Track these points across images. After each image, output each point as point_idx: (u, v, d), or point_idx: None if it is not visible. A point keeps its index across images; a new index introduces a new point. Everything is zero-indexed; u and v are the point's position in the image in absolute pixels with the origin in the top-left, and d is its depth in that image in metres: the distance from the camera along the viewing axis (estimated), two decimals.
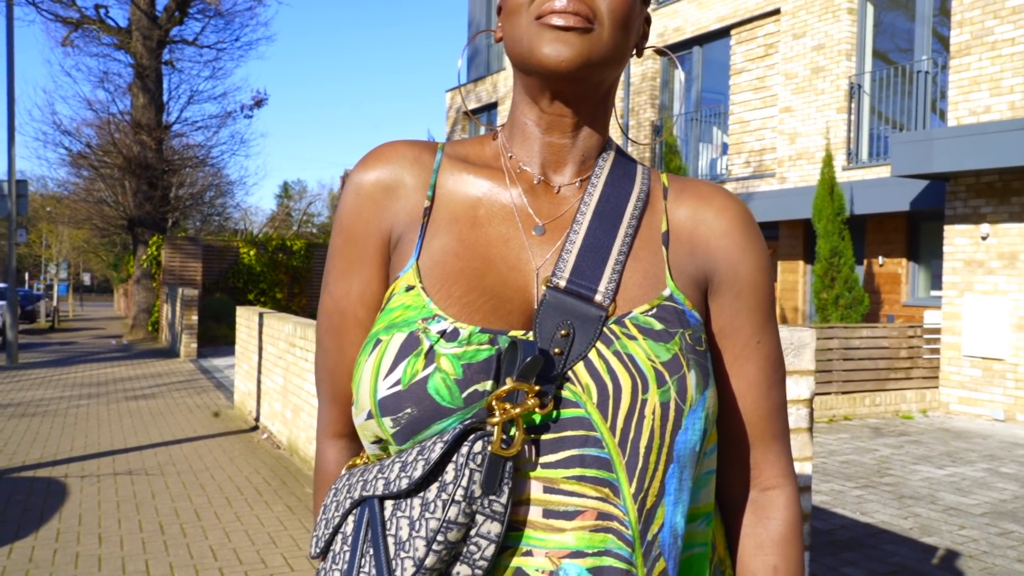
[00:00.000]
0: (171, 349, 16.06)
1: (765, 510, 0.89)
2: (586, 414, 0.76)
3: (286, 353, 6.97)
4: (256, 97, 21.41)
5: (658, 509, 0.77)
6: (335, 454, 0.93)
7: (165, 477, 5.80)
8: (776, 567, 0.87)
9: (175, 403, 9.30)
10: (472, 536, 0.71)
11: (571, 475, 0.75)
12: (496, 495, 0.71)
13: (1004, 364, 8.96)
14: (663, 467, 0.77)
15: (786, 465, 0.91)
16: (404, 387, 0.77)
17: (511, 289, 0.82)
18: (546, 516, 0.75)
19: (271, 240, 20.05)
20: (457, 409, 0.75)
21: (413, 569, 0.71)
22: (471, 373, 0.76)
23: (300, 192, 56.17)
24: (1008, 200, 8.96)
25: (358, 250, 0.88)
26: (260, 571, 3.98)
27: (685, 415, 0.77)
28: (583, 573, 0.74)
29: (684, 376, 0.78)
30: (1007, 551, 4.53)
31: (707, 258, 0.87)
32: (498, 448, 0.71)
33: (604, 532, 0.75)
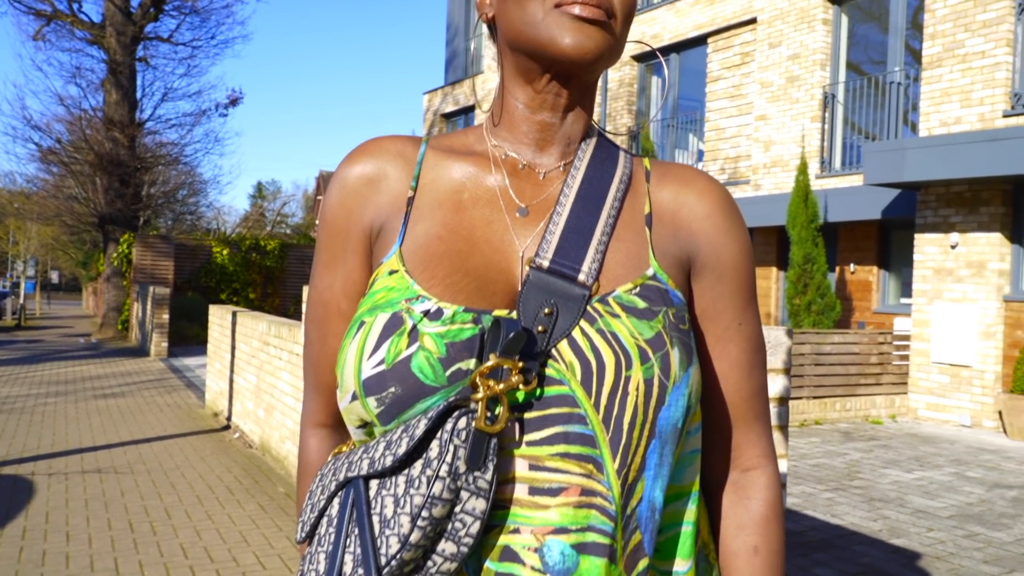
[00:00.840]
0: (141, 348, 15.86)
1: (746, 491, 0.90)
2: (570, 391, 0.76)
3: (259, 352, 6.91)
4: (231, 96, 21.25)
5: (638, 484, 0.78)
6: (317, 444, 0.94)
7: (135, 475, 5.72)
8: (757, 547, 0.88)
9: (145, 402, 9.18)
10: (457, 513, 0.71)
11: (555, 452, 0.75)
12: (481, 471, 0.71)
13: (971, 371, 9.11)
14: (645, 443, 0.78)
15: (767, 446, 0.92)
16: (388, 366, 0.77)
17: (495, 270, 0.82)
18: (531, 493, 0.75)
19: (244, 240, 19.88)
20: (441, 387, 0.76)
21: (398, 545, 0.71)
22: (454, 351, 0.76)
23: (274, 193, 55.79)
24: (977, 210, 9.11)
25: (341, 242, 0.89)
26: (232, 569, 3.94)
27: (669, 391, 0.78)
28: (567, 549, 0.74)
29: (667, 353, 0.79)
30: (973, 552, 4.60)
31: (690, 240, 0.88)
32: (482, 424, 0.71)
33: (587, 508, 0.75)
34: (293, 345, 5.99)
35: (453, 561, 0.72)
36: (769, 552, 0.88)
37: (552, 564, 0.74)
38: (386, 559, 0.71)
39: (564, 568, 0.74)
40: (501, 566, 0.75)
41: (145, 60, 19.99)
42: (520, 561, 0.74)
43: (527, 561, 0.74)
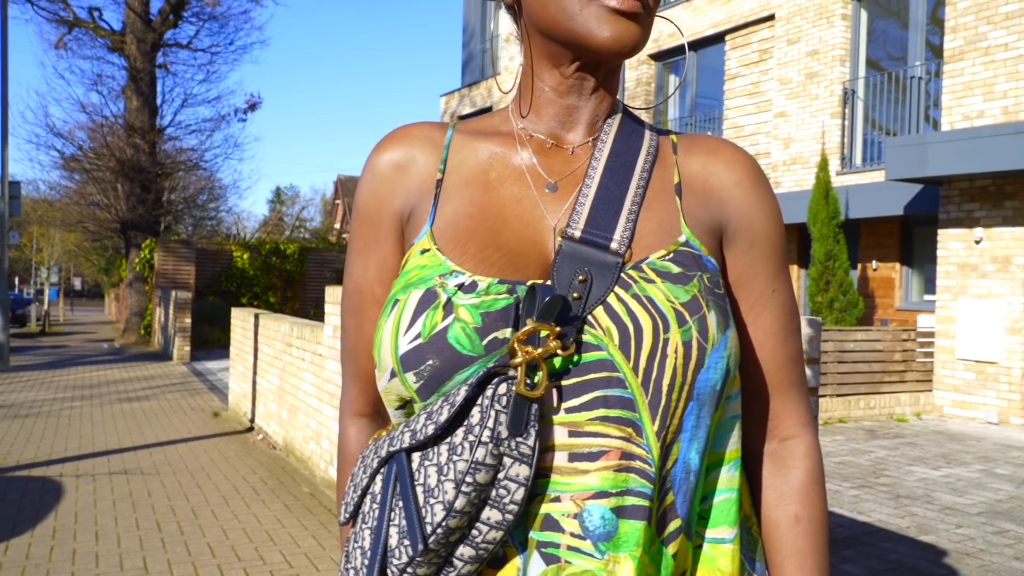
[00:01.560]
0: (164, 352, 16.00)
1: (785, 460, 0.89)
2: (608, 356, 0.76)
3: (282, 353, 6.95)
4: (250, 100, 21.42)
5: (674, 445, 0.78)
6: (356, 432, 0.95)
7: (161, 476, 5.77)
8: (798, 516, 0.87)
9: (169, 405, 9.26)
10: (501, 480, 0.71)
11: (595, 416, 0.75)
12: (523, 437, 0.71)
13: (997, 367, 9.01)
14: (683, 405, 0.77)
15: (804, 414, 0.91)
16: (424, 339, 0.77)
17: (526, 244, 0.83)
18: (571, 460, 0.75)
19: (264, 244, 20.00)
20: (478, 357, 0.76)
21: (443, 513, 0.71)
22: (490, 321, 0.77)
23: (293, 197, 56.10)
24: (1001, 204, 9.01)
25: (373, 229, 0.90)
26: (259, 567, 3.97)
27: (708, 354, 0.78)
28: (607, 513, 0.74)
29: (704, 316, 0.79)
30: (1004, 549, 4.54)
31: (720, 209, 0.87)
32: (523, 389, 0.71)
33: (627, 472, 0.75)
34: (316, 346, 6.02)
35: (499, 529, 0.72)
36: (811, 520, 0.87)
37: (592, 529, 0.74)
38: (432, 527, 0.71)
39: (604, 532, 0.74)
40: (542, 535, 0.74)
41: (165, 67, 20.19)
42: (560, 529, 0.74)
43: (567, 528, 0.74)
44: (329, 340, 5.65)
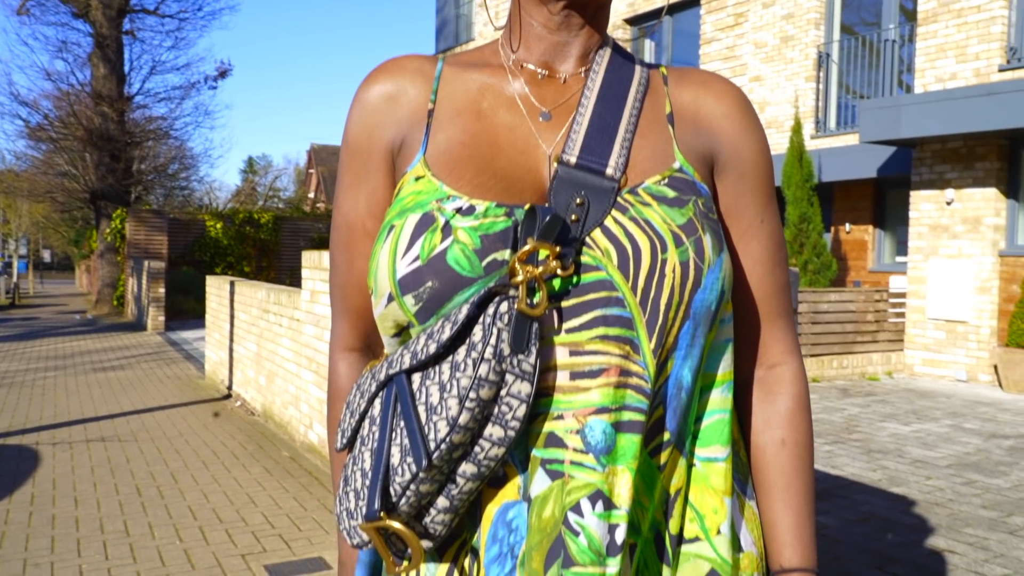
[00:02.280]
0: (138, 323, 15.85)
1: (772, 387, 0.91)
2: (607, 276, 0.77)
3: (259, 320, 6.91)
4: (220, 68, 21.01)
5: (668, 362, 0.79)
6: (347, 367, 0.95)
7: (139, 443, 5.74)
8: (784, 440, 0.89)
9: (144, 374, 9.20)
10: (503, 397, 0.72)
11: (595, 335, 0.76)
12: (524, 355, 0.72)
13: (967, 326, 9.17)
14: (679, 324, 0.79)
15: (791, 342, 0.92)
16: (423, 262, 0.77)
17: (521, 170, 0.83)
18: (572, 378, 0.76)
19: (238, 213, 19.78)
20: (478, 278, 0.76)
21: (447, 428, 0.71)
22: (489, 243, 0.77)
23: (265, 167, 55.39)
24: (972, 165, 9.11)
25: (363, 161, 0.89)
26: (240, 528, 3.98)
27: (704, 274, 0.79)
28: (607, 428, 0.76)
29: (700, 238, 0.80)
30: (972, 499, 4.66)
31: (711, 139, 0.88)
32: (524, 307, 0.72)
33: (624, 388, 0.76)
34: (293, 311, 5.99)
35: (501, 446, 0.73)
36: (796, 444, 0.89)
37: (594, 443, 0.75)
38: (435, 443, 0.71)
39: (605, 446, 0.75)
40: (546, 452, 0.76)
41: (132, 33, 19.75)
42: (564, 445, 0.76)
43: (570, 444, 0.75)
44: (307, 305, 5.62)
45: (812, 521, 0.88)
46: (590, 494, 0.75)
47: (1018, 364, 8.35)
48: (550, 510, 0.75)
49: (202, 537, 3.85)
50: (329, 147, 45.58)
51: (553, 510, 0.75)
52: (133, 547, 3.70)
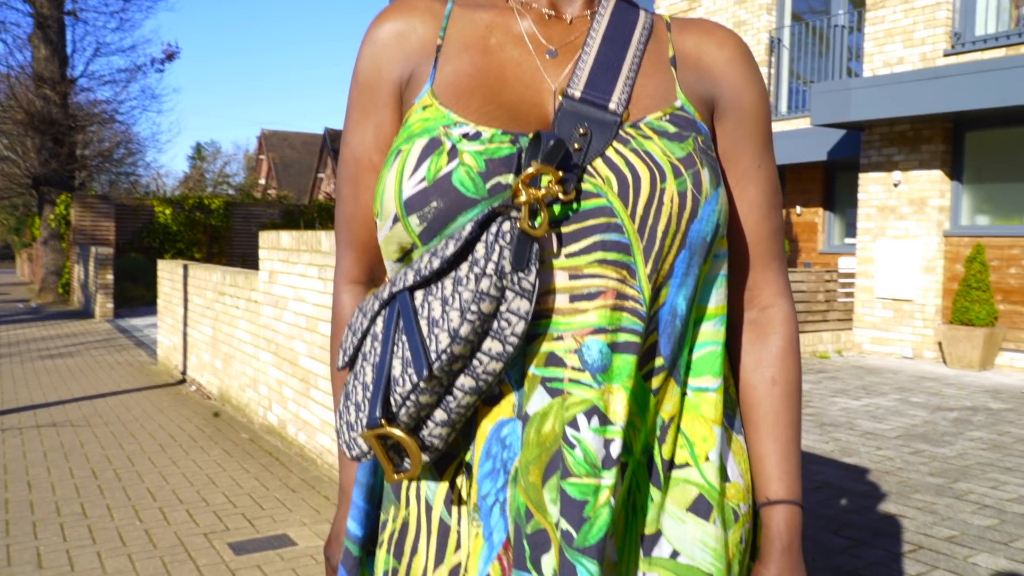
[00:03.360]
0: (85, 310, 15.48)
1: (763, 328, 0.94)
2: (607, 203, 0.80)
3: (214, 303, 6.81)
4: (167, 50, 20.52)
5: (663, 289, 0.82)
6: (350, 299, 0.97)
7: (92, 428, 5.63)
8: (774, 379, 0.92)
9: (94, 360, 9.00)
10: (503, 312, 0.74)
11: (593, 260, 0.79)
12: (524, 273, 0.74)
13: (913, 305, 9.44)
14: (675, 252, 0.82)
15: (783, 285, 0.96)
16: (429, 183, 0.80)
17: (527, 104, 0.85)
18: (572, 301, 0.79)
19: (188, 199, 19.39)
20: (482, 199, 0.79)
21: (448, 340, 0.73)
22: (494, 166, 0.80)
23: (214, 153, 54.31)
24: (919, 148, 9.35)
25: (371, 96, 0.91)
26: (202, 508, 3.94)
27: (701, 205, 0.82)
28: (603, 347, 0.78)
29: (699, 171, 0.83)
30: (919, 467, 4.82)
31: (712, 84, 0.91)
32: (526, 226, 0.75)
33: (620, 311, 0.79)
34: (251, 293, 5.92)
35: (499, 360, 0.75)
36: (787, 382, 0.92)
37: (591, 362, 0.78)
38: (436, 354, 0.73)
39: (601, 365, 0.78)
40: (546, 371, 0.79)
41: (74, 14, 19.16)
42: (562, 364, 0.78)
43: (568, 362, 0.78)
44: (264, 286, 5.56)
45: (798, 457, 0.91)
46: (586, 410, 0.77)
47: (961, 341, 8.63)
48: (550, 425, 0.78)
49: (163, 517, 3.80)
50: (280, 133, 44.88)
51: (554, 425, 0.78)
52: (92, 528, 3.64)
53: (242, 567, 3.23)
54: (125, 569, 3.20)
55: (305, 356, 4.87)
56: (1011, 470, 4.79)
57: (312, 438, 4.74)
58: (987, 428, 5.90)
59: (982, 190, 9.13)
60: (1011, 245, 8.75)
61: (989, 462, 4.96)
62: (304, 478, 4.46)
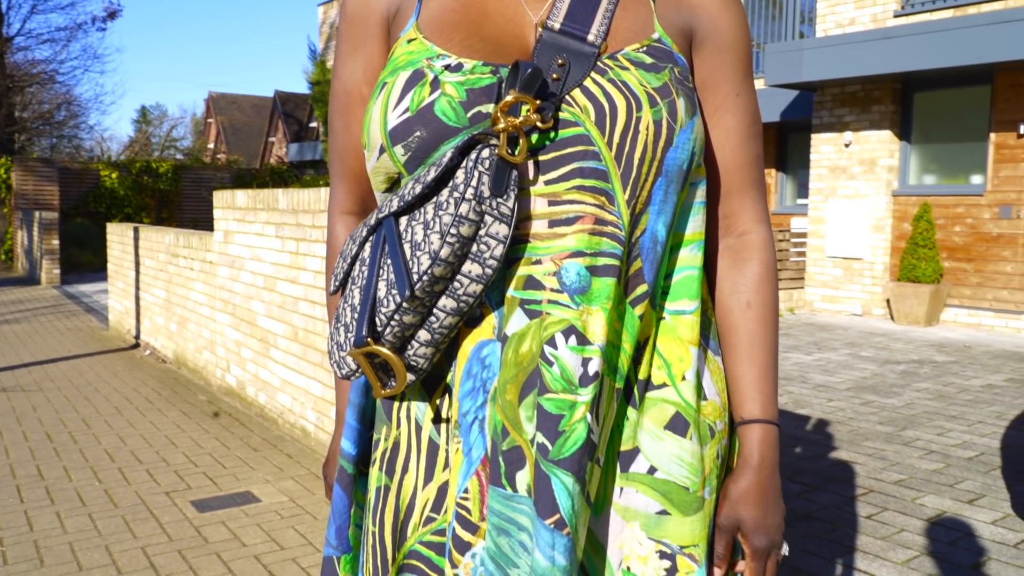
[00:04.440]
0: (30, 277, 15.06)
1: (740, 253, 0.95)
2: (585, 131, 0.82)
3: (168, 265, 6.69)
4: (109, 8, 19.89)
5: (643, 216, 0.85)
6: (343, 229, 1.00)
7: (44, 392, 5.52)
8: (750, 303, 0.93)
9: (43, 326, 8.78)
10: (482, 236, 0.77)
11: (572, 186, 0.82)
12: (503, 198, 0.77)
13: (862, 263, 9.66)
14: (652, 179, 0.84)
15: (761, 211, 0.97)
16: (412, 113, 0.83)
17: (508, 36, 0.87)
18: (551, 226, 0.82)
19: (135, 162, 18.89)
20: (463, 128, 0.82)
21: (429, 261, 0.76)
22: (475, 96, 0.82)
23: (160, 117, 52.78)
24: (869, 109, 9.51)
25: (360, 30, 0.94)
26: (162, 468, 3.90)
27: (676, 133, 0.85)
28: (582, 270, 0.81)
29: (674, 100, 0.85)
30: (869, 416, 4.97)
31: (691, 15, 0.92)
32: (504, 153, 0.77)
33: (600, 235, 0.82)
34: (205, 254, 5.82)
35: (479, 282, 0.79)
36: (762, 306, 0.94)
37: (569, 283, 0.81)
38: (418, 275, 0.77)
39: (579, 287, 0.81)
40: (524, 293, 0.82)
41: None
42: (541, 286, 0.82)
43: (547, 284, 0.81)
44: (220, 247, 5.47)
45: (774, 379, 0.93)
46: (564, 329, 0.80)
47: (908, 297, 8.87)
48: (528, 346, 0.81)
49: (122, 478, 3.76)
50: (229, 96, 43.81)
51: (531, 345, 0.80)
52: (49, 490, 3.59)
53: (206, 523, 3.22)
54: (86, 528, 3.17)
55: (263, 316, 4.82)
56: (955, 418, 4.97)
57: (272, 398, 4.72)
58: (932, 380, 6.11)
59: (929, 150, 9.34)
60: (956, 204, 8.98)
61: (935, 411, 5.14)
62: (265, 437, 4.45)
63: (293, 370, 4.46)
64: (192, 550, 2.97)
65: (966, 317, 8.89)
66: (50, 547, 2.99)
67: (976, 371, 6.45)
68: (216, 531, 3.14)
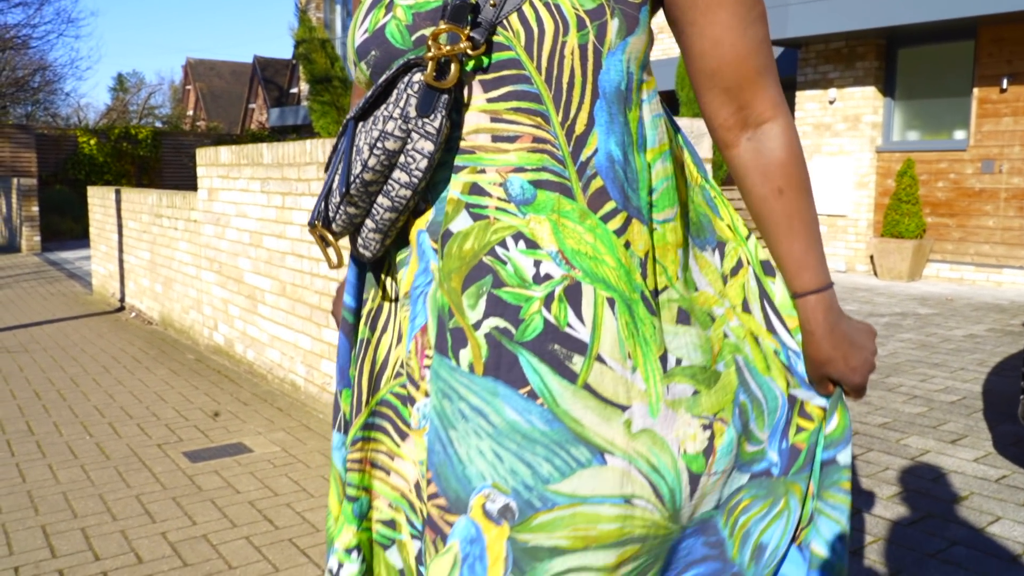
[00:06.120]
0: (10, 244, 14.89)
1: (763, 142, 0.94)
2: (516, 55, 0.88)
3: (151, 226, 6.63)
4: None
5: (589, 136, 0.89)
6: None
7: (30, 353, 5.49)
8: (782, 189, 0.94)
9: (25, 292, 8.71)
10: (408, 150, 0.87)
11: (510, 107, 0.89)
12: (430, 118, 0.85)
13: (846, 220, 9.71)
14: (589, 101, 0.89)
15: (775, 96, 0.94)
16: (369, 33, 0.92)
17: None
18: (494, 140, 0.89)
19: (113, 129, 18.62)
20: (408, 50, 0.90)
21: (360, 168, 0.88)
22: (419, 20, 0.90)
23: (137, 84, 51.89)
24: (853, 65, 9.50)
25: None
26: (152, 422, 3.90)
27: (604, 56, 0.88)
28: (525, 184, 0.89)
29: (605, 23, 0.87)
30: None
31: None
32: (430, 79, 0.84)
33: (540, 153, 0.89)
34: (190, 212, 5.77)
35: (408, 188, 0.89)
36: (794, 189, 0.94)
37: (514, 195, 0.89)
38: (352, 177, 0.90)
39: (524, 199, 0.89)
40: (470, 198, 0.90)
41: None
42: (487, 194, 0.90)
43: (493, 193, 0.90)
44: (204, 205, 5.42)
45: (819, 248, 0.96)
46: (512, 234, 0.89)
47: (891, 253, 8.94)
48: (471, 244, 0.90)
49: (113, 432, 3.76)
50: (207, 62, 43.15)
51: (474, 244, 0.90)
52: (40, 444, 3.59)
53: (199, 473, 3.23)
54: (79, 479, 3.17)
55: (250, 272, 4.80)
56: (938, 365, 5.04)
57: (261, 354, 4.71)
58: (916, 331, 6.18)
59: (913, 106, 9.36)
60: (939, 159, 9.02)
61: (918, 359, 5.21)
62: (255, 392, 4.45)
63: (282, 325, 4.45)
64: (186, 497, 2.99)
65: (948, 272, 8.98)
66: (44, 496, 2.99)
67: (958, 322, 6.54)
68: (209, 479, 3.16)
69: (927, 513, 2.83)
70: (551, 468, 0.86)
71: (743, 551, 0.97)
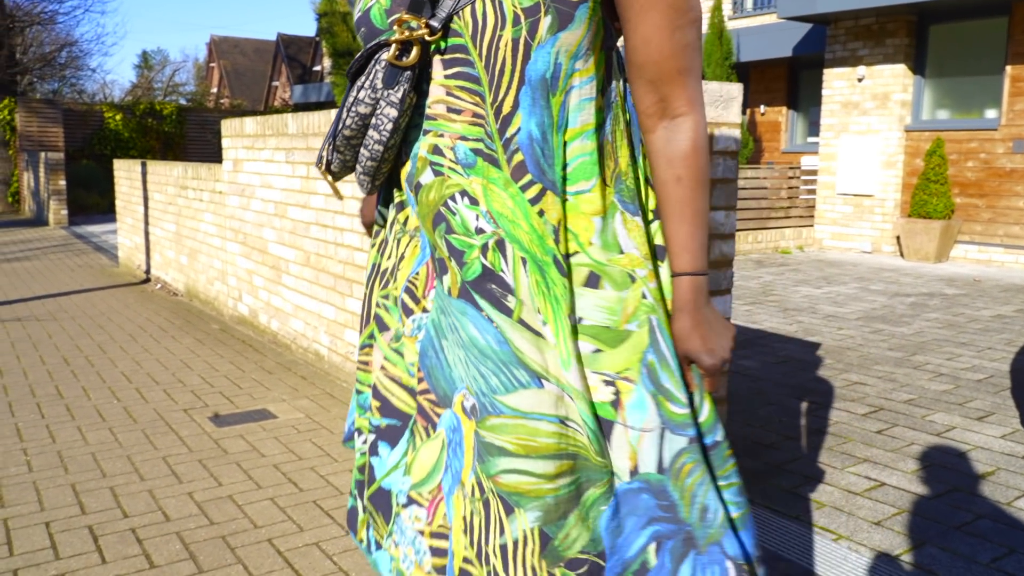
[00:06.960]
0: (38, 218, 15.08)
1: (674, 133, 1.06)
2: (464, 43, 1.04)
3: (176, 198, 6.68)
4: None
5: (514, 117, 1.04)
6: None
7: (59, 322, 5.57)
8: (680, 177, 1.06)
9: (53, 264, 8.82)
10: (378, 113, 1.06)
11: (459, 85, 1.06)
12: (393, 89, 1.03)
13: (873, 200, 9.59)
14: (516, 87, 1.03)
15: (693, 94, 1.05)
16: (361, 12, 1.11)
17: None
18: (448, 111, 1.07)
19: (139, 104, 18.74)
20: (385, 31, 1.08)
21: (339, 125, 1.09)
22: (395, 5, 1.07)
23: (162, 62, 52.14)
24: (883, 42, 9.34)
25: None
26: (179, 388, 3.95)
27: (534, 49, 1.02)
28: (467, 151, 1.06)
29: (539, 20, 1.00)
30: (879, 343, 4.99)
31: None
32: (392, 59, 1.02)
33: (478, 127, 1.05)
34: (215, 184, 5.81)
35: (380, 144, 1.07)
36: (691, 178, 1.06)
37: (460, 158, 1.07)
38: (336, 132, 1.10)
39: (468, 162, 1.06)
40: (433, 156, 1.08)
41: None
42: (443, 155, 1.08)
43: (447, 155, 1.07)
44: (229, 176, 5.45)
45: (703, 236, 1.07)
46: (459, 191, 1.06)
47: (918, 233, 8.83)
48: (432, 195, 1.08)
49: (140, 397, 3.81)
50: (231, 39, 43.24)
51: (434, 196, 1.08)
52: (69, 407, 3.64)
53: (225, 436, 3.27)
54: (107, 440, 3.22)
55: (275, 243, 4.83)
56: (965, 344, 4.99)
57: (285, 324, 4.75)
58: (942, 311, 6.11)
59: (943, 84, 9.20)
60: (969, 139, 8.88)
61: (945, 338, 5.16)
62: (279, 362, 4.49)
63: (305, 295, 4.48)
64: (212, 460, 3.03)
65: (976, 253, 8.86)
66: (73, 456, 3.05)
67: (986, 303, 6.46)
68: (235, 443, 3.20)
69: (952, 487, 2.80)
70: (498, 382, 1.02)
71: (692, 511, 1.05)
